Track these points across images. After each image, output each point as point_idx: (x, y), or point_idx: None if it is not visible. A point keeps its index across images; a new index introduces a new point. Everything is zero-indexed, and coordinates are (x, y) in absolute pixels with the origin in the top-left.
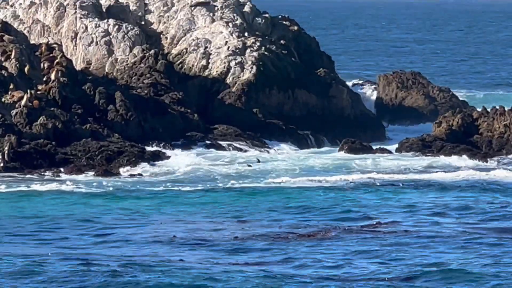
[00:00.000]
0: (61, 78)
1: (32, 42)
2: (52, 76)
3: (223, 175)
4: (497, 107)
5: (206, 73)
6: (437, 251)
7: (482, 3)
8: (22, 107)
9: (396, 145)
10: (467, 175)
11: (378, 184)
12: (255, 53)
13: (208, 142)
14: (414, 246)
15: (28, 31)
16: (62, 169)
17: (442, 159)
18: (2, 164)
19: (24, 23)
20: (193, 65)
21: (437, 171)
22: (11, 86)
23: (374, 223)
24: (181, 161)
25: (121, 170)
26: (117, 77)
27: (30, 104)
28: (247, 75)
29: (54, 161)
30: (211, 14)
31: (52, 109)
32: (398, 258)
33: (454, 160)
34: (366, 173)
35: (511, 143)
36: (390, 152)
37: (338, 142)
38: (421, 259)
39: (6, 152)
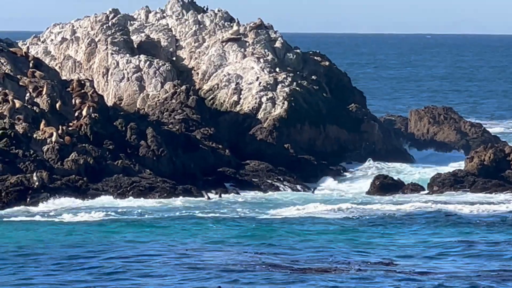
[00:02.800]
0: (92, 114)
1: (63, 78)
2: (84, 112)
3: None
4: None
5: (238, 108)
6: None
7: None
8: (53, 143)
9: (428, 180)
10: None
11: None
12: (286, 89)
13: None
14: None
15: (59, 67)
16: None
17: None
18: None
19: (55, 59)
20: (224, 101)
21: None
22: (43, 122)
23: None
24: None
25: None
26: (148, 112)
27: (62, 140)
28: (278, 110)
29: (85, 197)
30: (242, 49)
31: (83, 145)
32: None
33: None
34: None
35: None
36: (422, 187)
37: None
38: None
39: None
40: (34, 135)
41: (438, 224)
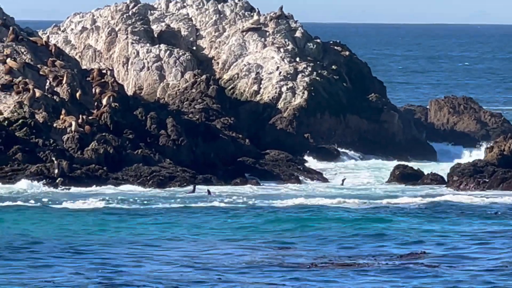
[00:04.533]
0: (112, 103)
1: (83, 67)
2: (104, 101)
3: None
4: None
5: (258, 98)
6: None
7: None
8: (73, 132)
9: (448, 170)
10: None
11: None
12: (306, 78)
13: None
14: None
15: (79, 57)
16: None
17: None
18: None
19: (75, 48)
20: (244, 90)
21: None
22: (63, 111)
23: None
24: None
25: None
26: (168, 102)
27: (82, 129)
28: (298, 100)
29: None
30: (262, 39)
31: (103, 134)
32: None
33: None
34: None
35: None
36: (442, 177)
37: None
38: None
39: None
40: (54, 124)
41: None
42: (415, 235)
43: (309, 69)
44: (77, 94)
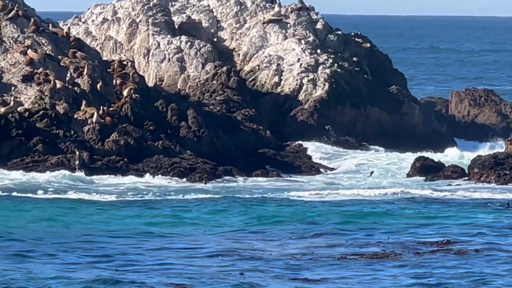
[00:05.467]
0: (133, 95)
1: (104, 58)
2: (125, 93)
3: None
4: None
5: (279, 90)
6: None
7: None
8: (94, 123)
9: (469, 163)
10: None
11: None
12: (327, 70)
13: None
14: None
15: (100, 48)
16: None
17: None
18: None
19: (96, 39)
20: (265, 82)
21: None
22: (84, 103)
23: None
24: None
25: None
26: (189, 93)
27: (102, 120)
28: (319, 92)
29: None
30: (283, 31)
31: (124, 125)
32: None
33: None
34: None
35: None
36: (462, 169)
37: None
38: None
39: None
40: (75, 116)
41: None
42: (444, 225)
43: (330, 61)
44: (98, 86)
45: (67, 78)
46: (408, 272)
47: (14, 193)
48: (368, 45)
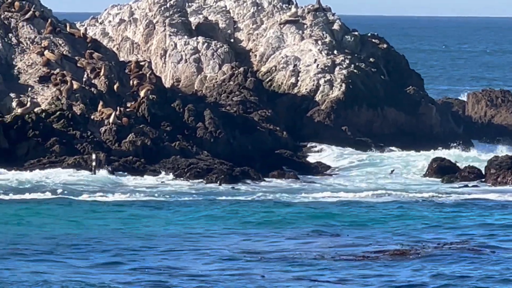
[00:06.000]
0: (150, 96)
1: (121, 59)
2: (141, 94)
3: None
4: None
5: (295, 90)
6: None
7: None
8: (111, 124)
9: (485, 163)
10: None
11: None
12: (344, 71)
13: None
14: None
15: (117, 49)
16: None
17: None
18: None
19: (113, 40)
20: (282, 83)
21: None
22: (100, 103)
23: None
24: None
25: None
26: (206, 94)
27: (119, 121)
28: (336, 92)
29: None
30: (300, 32)
31: (141, 126)
32: None
33: None
34: None
35: None
36: (479, 170)
37: None
38: None
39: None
40: (92, 116)
41: None
42: (460, 226)
43: (347, 61)
44: (115, 86)
45: (84, 79)
46: (426, 271)
47: (27, 195)
48: (385, 45)
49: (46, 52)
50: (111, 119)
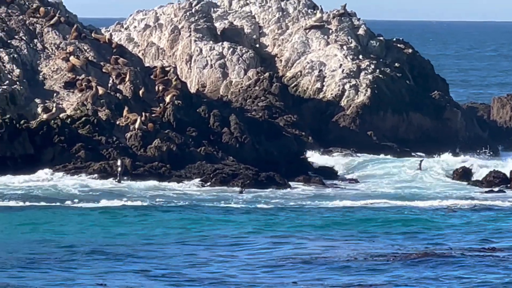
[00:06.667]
0: (175, 101)
1: (146, 64)
2: (167, 99)
3: None
4: None
5: (321, 95)
6: None
7: None
8: (136, 129)
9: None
10: None
11: None
12: (369, 76)
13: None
14: None
15: (142, 54)
16: None
17: None
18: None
19: (138, 46)
20: (307, 88)
21: None
22: (126, 109)
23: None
24: None
25: None
26: (231, 99)
27: (145, 126)
28: (361, 97)
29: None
30: (325, 37)
31: (166, 131)
32: None
33: None
34: None
35: None
36: (504, 175)
37: None
38: None
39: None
40: (117, 122)
41: None
42: (486, 230)
43: (372, 66)
44: (140, 92)
45: (109, 85)
46: (455, 274)
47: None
48: (410, 50)
49: (71, 57)
50: (136, 125)
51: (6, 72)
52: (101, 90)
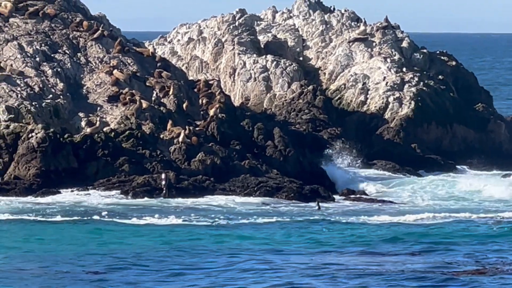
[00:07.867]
0: (219, 114)
1: (190, 78)
2: (211, 112)
3: None
4: None
5: (364, 108)
6: None
7: None
8: (180, 143)
9: None
10: None
11: None
12: (413, 89)
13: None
14: None
15: (186, 67)
16: None
17: None
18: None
19: (182, 59)
20: (351, 101)
21: None
22: (170, 122)
23: None
24: None
25: None
26: (275, 112)
27: (189, 140)
28: (405, 110)
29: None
30: (369, 49)
31: (210, 145)
32: None
33: None
34: None
35: None
36: None
37: None
38: None
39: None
40: (161, 135)
41: None
42: None
43: (416, 79)
44: (184, 105)
45: (153, 98)
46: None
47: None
48: (454, 63)
49: (115, 71)
50: (180, 138)
51: (49, 86)
52: (144, 104)
